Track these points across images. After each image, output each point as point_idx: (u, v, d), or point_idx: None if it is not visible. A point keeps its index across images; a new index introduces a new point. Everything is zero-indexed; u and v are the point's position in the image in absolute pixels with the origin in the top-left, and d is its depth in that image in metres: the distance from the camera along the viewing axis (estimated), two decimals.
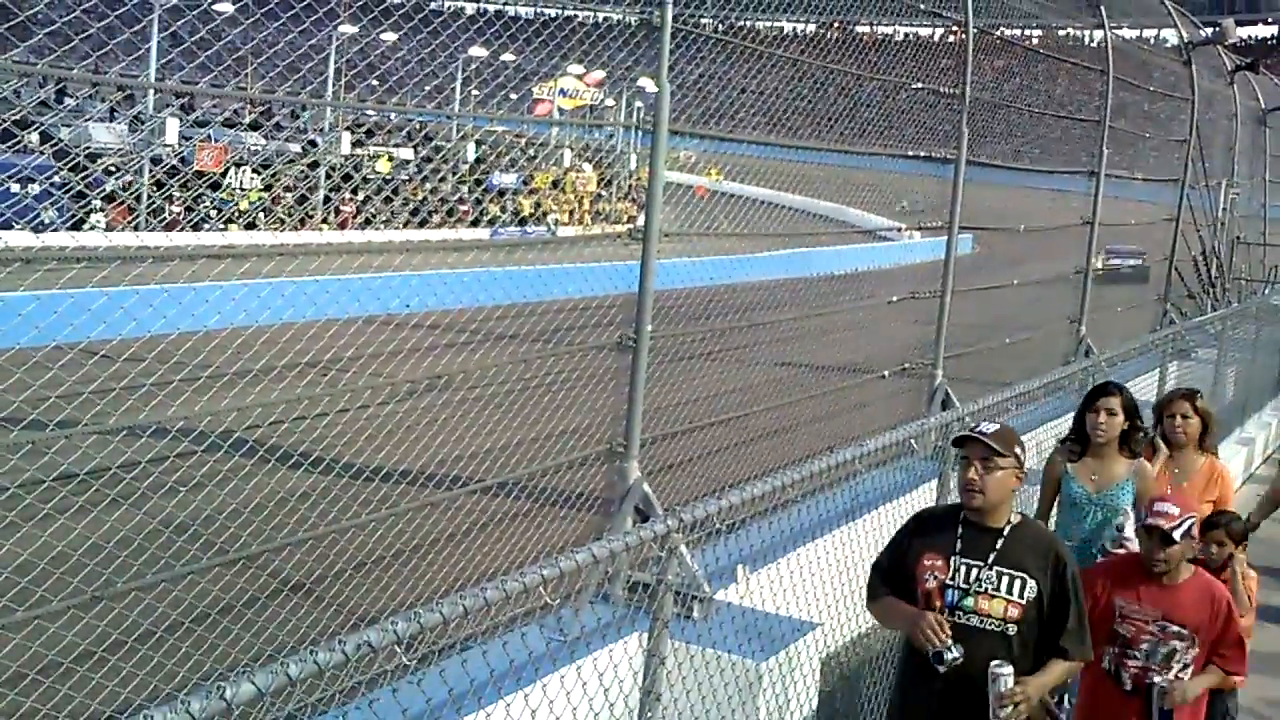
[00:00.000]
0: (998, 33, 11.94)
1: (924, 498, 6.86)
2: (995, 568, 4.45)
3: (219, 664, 7.21)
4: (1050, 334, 13.41)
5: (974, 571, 4.46)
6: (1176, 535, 5.00)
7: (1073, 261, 13.42)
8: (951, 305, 10.16)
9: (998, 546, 4.48)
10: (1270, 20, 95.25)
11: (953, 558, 4.49)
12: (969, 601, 4.44)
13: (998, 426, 4.59)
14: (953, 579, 4.47)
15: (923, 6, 10.61)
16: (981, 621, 4.42)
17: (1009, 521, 4.55)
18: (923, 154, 10.82)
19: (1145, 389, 11.81)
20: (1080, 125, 13.98)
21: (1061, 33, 15.13)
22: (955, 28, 10.70)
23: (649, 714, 4.26)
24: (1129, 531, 5.94)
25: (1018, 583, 4.43)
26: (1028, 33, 14.27)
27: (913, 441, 8.33)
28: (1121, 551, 5.87)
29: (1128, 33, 15.78)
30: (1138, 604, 5.11)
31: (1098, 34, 13.36)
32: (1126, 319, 15.56)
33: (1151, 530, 5.06)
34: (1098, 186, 13.03)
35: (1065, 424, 9.42)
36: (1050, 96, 15.28)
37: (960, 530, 4.55)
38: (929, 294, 10.32)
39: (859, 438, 5.83)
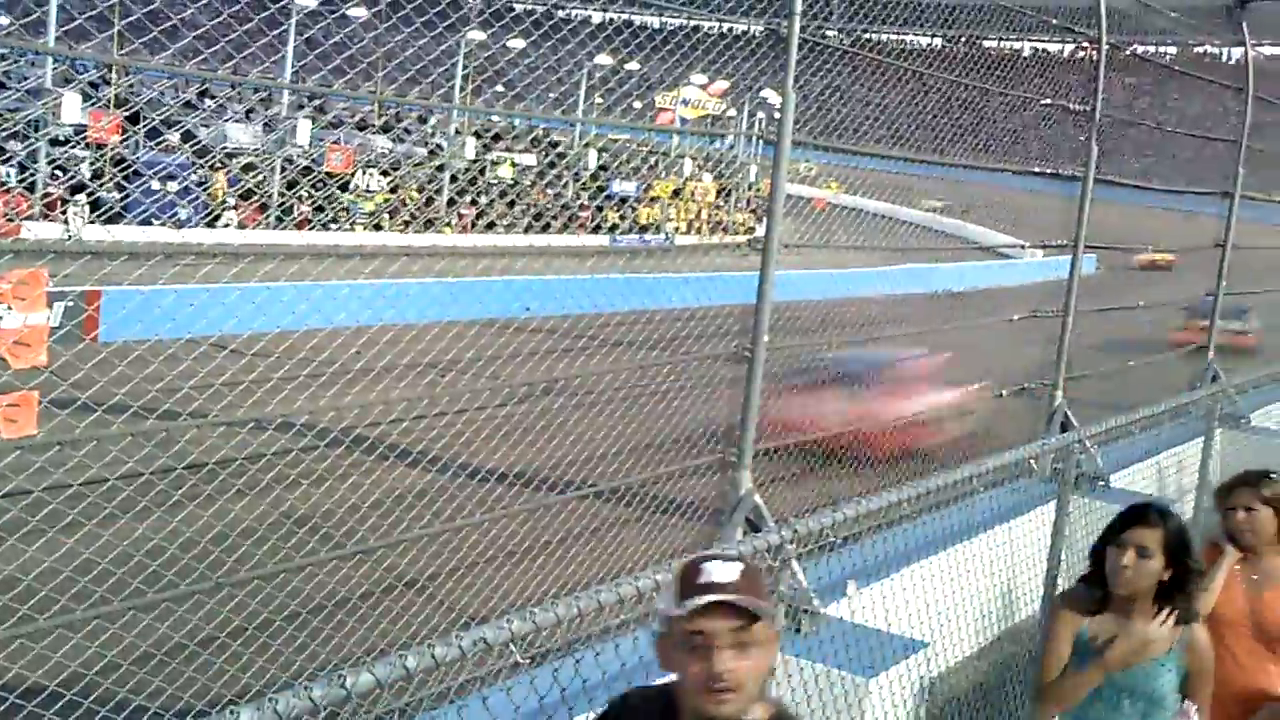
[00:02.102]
0: (1130, 49, 11.73)
1: (1040, 520, 6.77)
2: None
3: (334, 655, 7.39)
4: (1176, 359, 13.10)
5: None
6: None
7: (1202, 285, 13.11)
8: (1074, 326, 10.00)
9: None
10: None
11: None
12: None
13: (738, 563, 2.65)
14: None
15: (1054, 22, 10.48)
16: None
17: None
18: (1049, 171, 10.68)
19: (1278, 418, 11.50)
20: (1214, 145, 13.66)
21: (1198, 49, 14.81)
22: (1087, 44, 10.55)
23: None
24: None
25: None
26: (1162, 49, 14.00)
27: (1032, 462, 8.22)
28: None
29: (1270, 49, 15.38)
30: None
31: (1236, 51, 13.05)
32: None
33: None
34: (1232, 208, 12.70)
35: (1190, 451, 9.26)
36: (1183, 115, 14.97)
37: None
38: (1051, 313, 10.17)
39: (975, 456, 5.78)
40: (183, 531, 6.79)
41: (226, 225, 28.53)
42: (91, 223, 24.06)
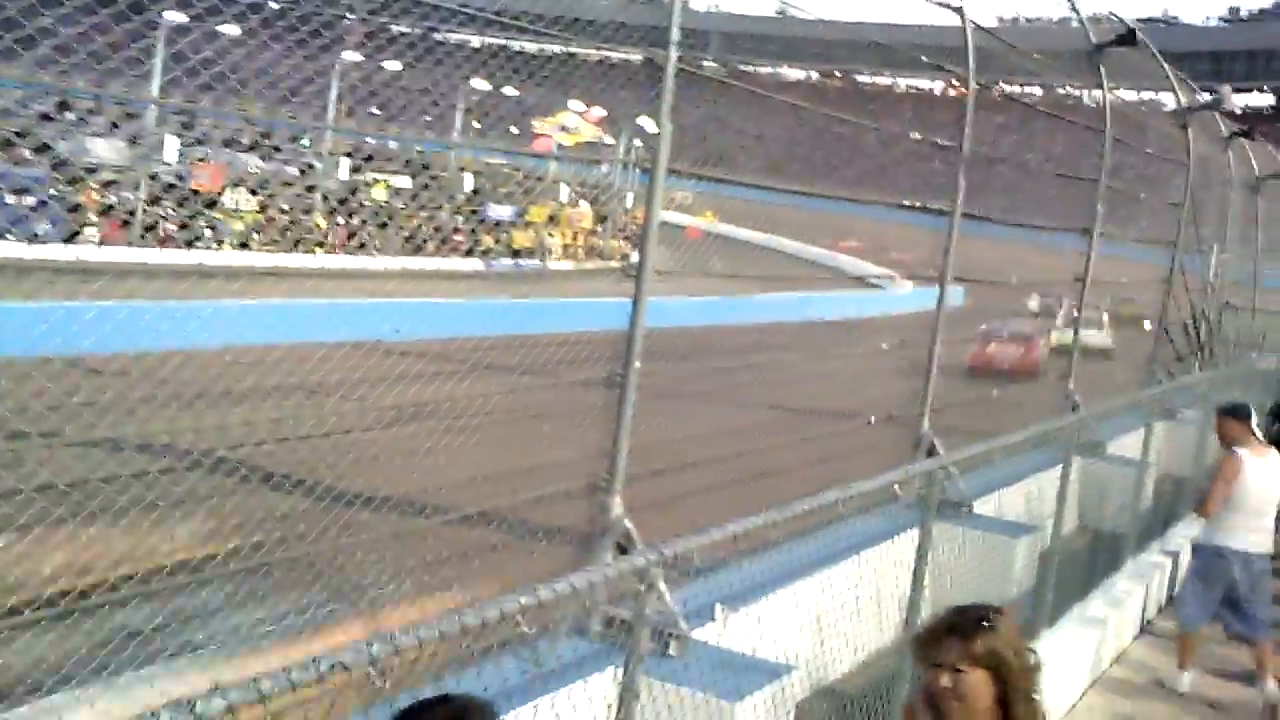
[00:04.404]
0: (998, 88, 12.05)
1: (906, 545, 6.85)
2: None
3: None
4: (1038, 388, 13.45)
5: None
6: None
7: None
8: (941, 355, 10.19)
9: None
10: (1267, 89, 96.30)
11: None
12: None
13: None
14: None
15: (925, 59, 10.71)
16: None
17: None
18: (918, 204, 10.89)
19: (1132, 447, 11.85)
20: (1076, 183, 14.08)
21: (1061, 91, 15.26)
22: (957, 82, 10.80)
23: None
24: None
25: None
26: (1028, 90, 14.40)
27: (896, 487, 8.33)
28: None
29: (1127, 94, 15.91)
30: None
31: (1097, 93, 13.48)
32: (1115, 376, 15.64)
33: None
34: (1091, 244, 13.10)
35: (1050, 478, 9.48)
36: (1047, 154, 15.41)
37: None
38: (919, 344, 10.36)
39: (843, 482, 5.82)
40: (29, 555, 6.52)
41: (86, 241, 27.68)
42: None
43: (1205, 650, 9.42)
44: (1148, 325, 15.65)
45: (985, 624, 3.36)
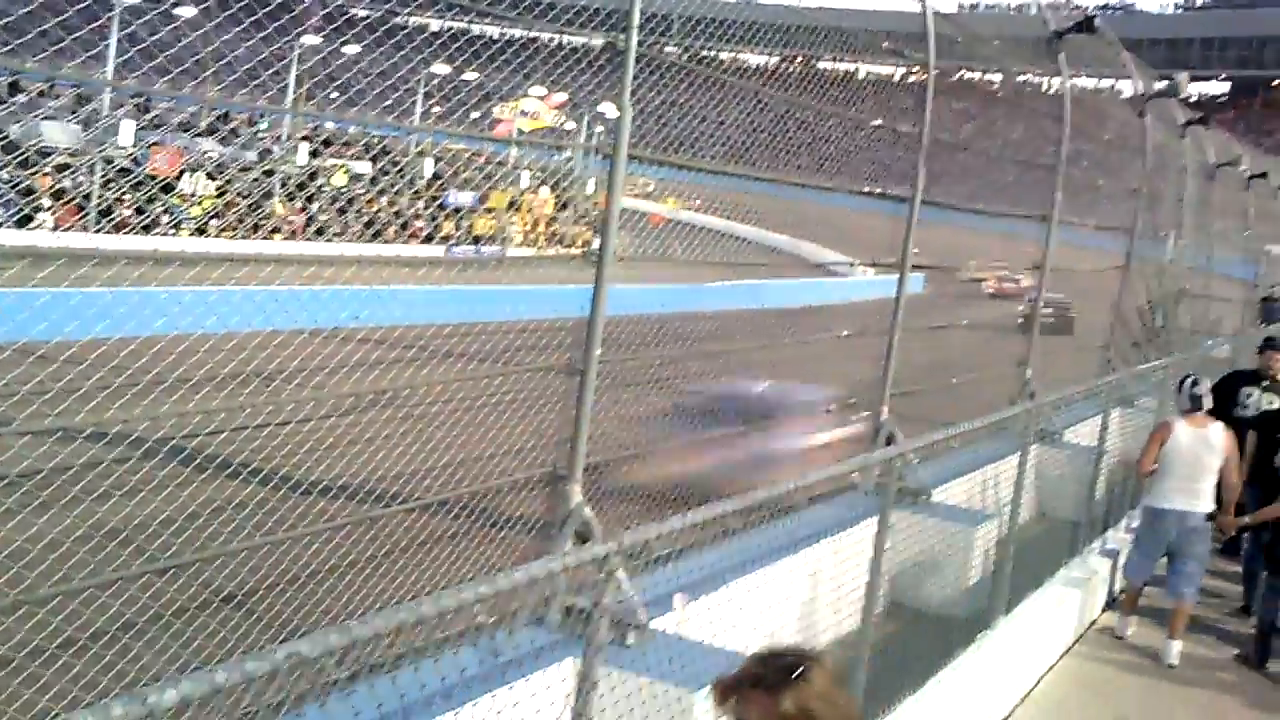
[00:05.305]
0: (958, 75, 12.06)
1: (866, 533, 6.86)
2: None
3: (144, 673, 7.07)
4: (996, 376, 13.50)
5: None
6: None
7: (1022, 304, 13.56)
8: (900, 344, 10.21)
9: None
10: (1222, 77, 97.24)
11: None
12: None
13: None
14: None
15: (886, 45, 10.71)
16: None
17: None
18: (878, 191, 10.90)
19: (1089, 434, 11.92)
20: (1034, 170, 14.15)
21: (1020, 79, 15.30)
22: (917, 68, 10.81)
23: None
24: None
25: None
26: (987, 77, 14.43)
27: (855, 476, 8.35)
28: None
29: (1085, 81, 15.99)
30: None
31: (1055, 81, 13.53)
32: (1071, 363, 15.73)
33: None
34: (1050, 231, 13.17)
35: (1007, 466, 9.53)
36: (1007, 140, 15.44)
37: None
38: (877, 332, 10.38)
39: (802, 470, 5.82)
40: None
41: (39, 226, 27.33)
42: None
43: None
44: None
45: (794, 676, 2.85)
